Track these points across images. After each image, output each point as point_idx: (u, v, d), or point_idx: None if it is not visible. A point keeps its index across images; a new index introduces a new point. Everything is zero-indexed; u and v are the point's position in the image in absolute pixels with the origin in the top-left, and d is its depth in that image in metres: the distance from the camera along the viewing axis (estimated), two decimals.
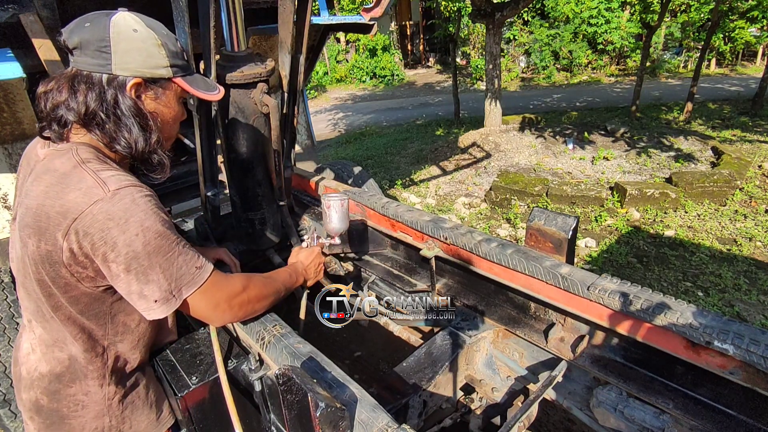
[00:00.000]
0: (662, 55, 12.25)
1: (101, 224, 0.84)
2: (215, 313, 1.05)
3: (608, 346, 1.31)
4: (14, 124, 2.02)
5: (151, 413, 1.16)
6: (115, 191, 0.86)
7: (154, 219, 0.89)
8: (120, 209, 0.85)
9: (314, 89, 14.12)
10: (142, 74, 0.93)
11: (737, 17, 8.25)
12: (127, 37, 0.89)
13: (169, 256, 0.91)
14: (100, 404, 1.07)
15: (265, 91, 1.49)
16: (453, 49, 9.44)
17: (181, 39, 1.41)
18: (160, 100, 0.99)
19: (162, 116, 1.01)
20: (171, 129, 1.06)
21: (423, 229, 1.65)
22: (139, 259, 0.88)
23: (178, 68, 0.98)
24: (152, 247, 0.89)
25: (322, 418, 0.84)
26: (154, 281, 0.91)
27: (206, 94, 1.03)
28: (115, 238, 0.85)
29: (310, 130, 4.11)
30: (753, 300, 3.29)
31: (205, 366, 1.19)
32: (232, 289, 1.07)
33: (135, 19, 0.92)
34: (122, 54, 0.90)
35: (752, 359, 0.95)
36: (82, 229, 0.85)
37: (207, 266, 1.00)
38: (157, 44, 0.93)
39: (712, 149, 6.18)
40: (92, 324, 1.00)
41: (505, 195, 5.17)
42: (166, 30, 0.99)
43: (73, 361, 1.03)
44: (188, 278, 0.95)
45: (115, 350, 1.06)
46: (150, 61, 0.93)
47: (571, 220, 1.39)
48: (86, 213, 0.84)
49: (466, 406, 1.49)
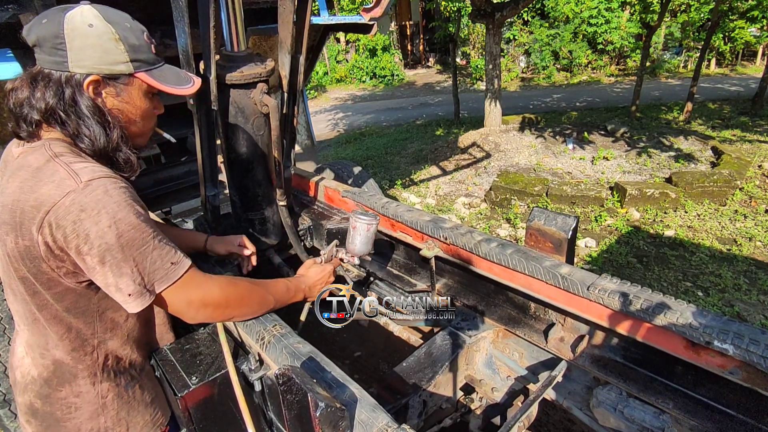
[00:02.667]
0: (662, 55, 12.26)
1: (74, 216, 0.83)
2: (188, 311, 1.02)
3: (608, 346, 1.31)
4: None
5: (146, 413, 1.15)
6: (87, 182, 0.85)
7: (128, 211, 0.87)
8: (92, 200, 0.84)
9: (314, 89, 14.12)
10: (99, 71, 0.90)
11: (737, 17, 8.25)
12: (82, 33, 0.87)
13: (143, 250, 0.89)
14: (94, 404, 1.06)
15: (265, 91, 1.49)
16: (453, 49, 9.44)
17: (181, 39, 1.41)
18: (122, 96, 0.95)
19: (127, 113, 0.98)
20: (141, 125, 1.02)
21: (423, 229, 1.65)
22: (113, 251, 0.86)
23: (141, 62, 0.94)
24: (125, 239, 0.87)
25: (322, 418, 0.84)
26: (127, 274, 0.89)
27: (175, 89, 0.99)
28: (88, 229, 0.84)
29: (310, 130, 4.11)
30: (753, 300, 3.29)
31: (205, 366, 1.19)
32: (208, 290, 1.03)
33: (93, 12, 0.89)
34: (77, 51, 0.87)
35: (752, 359, 0.95)
36: (54, 222, 0.84)
37: (183, 262, 0.97)
38: (114, 39, 0.89)
39: (712, 149, 6.18)
40: (80, 322, 0.99)
41: (505, 195, 5.17)
42: (132, 22, 0.95)
43: (58, 365, 1.02)
44: (162, 273, 0.93)
45: (106, 348, 1.05)
46: (107, 57, 0.89)
47: (571, 220, 1.39)
48: (59, 205, 0.83)
49: (466, 406, 1.49)
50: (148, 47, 0.96)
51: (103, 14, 0.90)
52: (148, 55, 0.96)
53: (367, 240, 1.42)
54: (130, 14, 0.98)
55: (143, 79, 0.95)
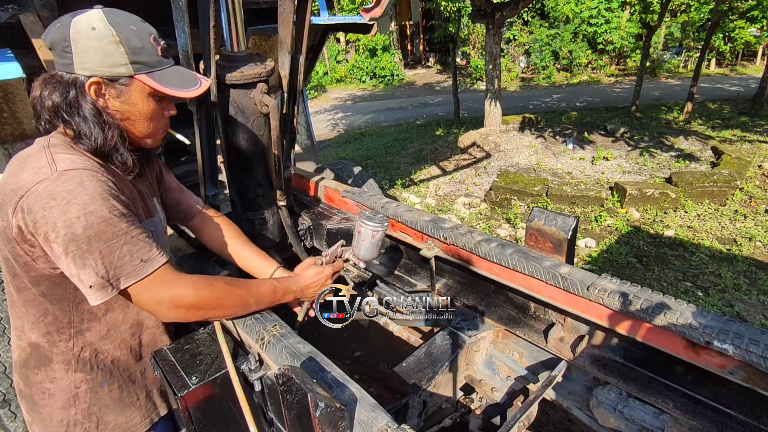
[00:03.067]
0: (662, 55, 12.25)
1: (44, 203, 0.85)
2: (159, 309, 1.00)
3: (608, 346, 1.31)
4: (14, 124, 2.02)
5: (122, 415, 1.13)
6: (62, 171, 0.87)
7: (101, 204, 0.88)
8: (64, 190, 0.86)
9: (314, 89, 14.12)
10: (100, 73, 0.92)
11: (737, 17, 8.26)
12: (85, 36, 0.89)
13: (111, 243, 0.89)
14: (67, 393, 1.06)
15: (265, 91, 1.49)
16: (453, 49, 9.44)
17: (181, 39, 1.41)
18: (123, 98, 0.97)
19: (128, 114, 0.99)
20: (147, 126, 1.03)
21: (423, 229, 1.65)
22: (78, 242, 0.87)
23: (142, 65, 0.95)
24: (93, 231, 0.87)
25: (321, 418, 0.84)
26: (90, 266, 0.89)
27: (178, 91, 0.99)
28: (56, 218, 0.85)
29: (310, 130, 4.10)
30: (753, 300, 3.29)
31: (205, 366, 1.19)
32: (180, 290, 1.01)
33: (99, 16, 0.90)
34: (81, 54, 0.90)
35: (752, 359, 0.95)
36: (26, 207, 0.86)
37: (156, 260, 0.96)
38: (115, 41, 0.90)
39: (712, 149, 6.18)
40: (56, 309, 1.00)
41: (505, 195, 5.17)
42: (139, 24, 0.96)
43: (34, 347, 1.04)
44: (129, 269, 0.93)
45: (83, 339, 1.05)
46: (107, 60, 0.91)
47: (570, 220, 1.39)
48: (32, 191, 0.85)
49: (466, 406, 1.49)
50: (152, 49, 0.97)
51: (108, 17, 0.91)
52: (150, 58, 0.96)
53: (373, 246, 1.33)
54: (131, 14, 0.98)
55: (143, 81, 0.96)
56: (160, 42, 0.99)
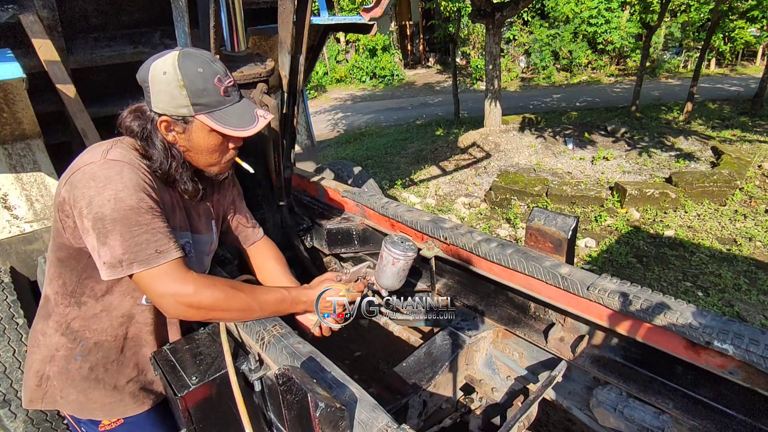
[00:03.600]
0: (662, 55, 12.25)
1: (85, 182, 0.97)
2: (162, 302, 1.06)
3: (608, 346, 1.31)
4: (14, 124, 2.02)
5: (82, 395, 1.19)
6: (108, 160, 0.99)
7: (131, 193, 0.98)
8: (104, 174, 0.97)
9: (314, 89, 14.12)
10: (169, 113, 1.05)
11: (737, 17, 8.25)
12: (158, 80, 1.02)
13: (133, 229, 0.98)
14: (49, 350, 1.16)
15: (265, 91, 1.49)
16: (453, 49, 9.44)
17: (181, 39, 1.41)
18: (187, 134, 1.09)
19: (192, 148, 1.11)
20: (210, 158, 1.15)
21: (423, 229, 1.65)
22: (104, 221, 0.96)
23: (202, 106, 1.05)
24: (119, 215, 0.96)
25: (321, 418, 0.84)
26: (109, 245, 0.97)
27: (234, 130, 1.07)
28: (91, 196, 0.96)
29: (310, 130, 4.10)
30: (753, 300, 3.29)
31: (205, 366, 1.19)
32: (183, 287, 1.05)
33: (171, 61, 1.02)
34: (155, 95, 1.03)
35: (752, 359, 0.95)
36: (73, 182, 0.98)
37: (169, 254, 1.03)
38: (179, 85, 1.01)
39: (712, 149, 6.18)
40: (66, 276, 1.12)
41: (505, 195, 5.17)
42: (207, 66, 1.04)
43: (46, 299, 1.17)
44: (143, 256, 1.00)
45: (78, 311, 1.14)
46: (173, 102, 1.03)
47: (570, 220, 1.39)
48: (81, 170, 0.98)
49: (466, 406, 1.49)
50: (214, 90, 1.05)
51: (180, 61, 1.02)
52: (211, 99, 1.05)
53: (393, 274, 1.26)
54: (130, 14, 1.01)
55: (203, 120, 1.06)
56: (224, 81, 1.07)
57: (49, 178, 2.20)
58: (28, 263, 2.20)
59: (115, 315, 1.18)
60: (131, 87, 2.69)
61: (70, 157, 1.09)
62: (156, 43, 2.35)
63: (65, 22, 2.05)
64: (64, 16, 2.03)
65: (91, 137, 1.98)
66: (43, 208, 2.20)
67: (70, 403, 1.20)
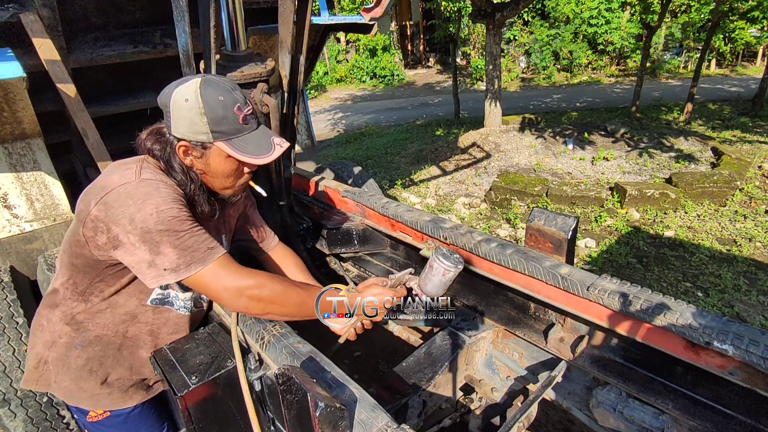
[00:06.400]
0: (662, 56, 12.25)
1: (122, 200, 1.01)
2: (224, 295, 1.10)
3: (608, 346, 1.31)
4: (14, 123, 2.02)
5: (74, 384, 1.23)
6: (143, 179, 1.04)
7: (171, 205, 1.03)
8: (141, 192, 1.02)
9: (314, 89, 14.11)
10: (188, 138, 1.09)
11: (737, 18, 8.24)
12: (179, 106, 1.05)
13: (180, 235, 1.04)
14: (51, 336, 1.21)
15: (265, 90, 1.49)
16: (453, 50, 9.44)
17: (182, 39, 1.41)
18: (204, 159, 1.13)
19: (208, 172, 1.16)
20: (225, 182, 1.19)
21: (423, 229, 1.65)
22: (151, 234, 1.01)
23: (221, 133, 1.08)
24: (164, 226, 1.01)
25: (321, 417, 0.84)
26: (163, 254, 1.03)
27: (251, 158, 1.11)
28: (133, 213, 1.00)
29: (310, 130, 4.11)
30: (753, 300, 3.29)
31: (204, 366, 1.19)
32: (241, 278, 1.11)
33: (194, 88, 1.05)
34: (176, 120, 1.07)
35: (751, 360, 0.95)
36: (108, 202, 1.02)
37: (219, 249, 1.10)
38: (200, 113, 1.05)
39: (712, 150, 6.18)
40: (78, 278, 1.16)
41: (505, 195, 5.17)
42: (227, 94, 1.07)
43: (54, 291, 1.22)
44: (198, 256, 1.06)
45: (84, 306, 1.20)
46: (193, 128, 1.07)
47: (570, 220, 1.39)
48: (115, 190, 1.02)
49: (466, 406, 1.49)
50: (234, 118, 1.08)
51: (202, 89, 1.05)
52: (229, 127, 1.09)
53: (441, 284, 1.28)
54: (131, 14, 1.01)
55: (221, 147, 1.10)
56: (243, 110, 1.10)
57: (49, 177, 2.20)
58: (27, 262, 2.20)
59: (119, 312, 1.22)
60: (131, 86, 2.69)
61: (70, 157, 1.09)
62: (156, 43, 2.35)
63: (65, 21, 2.05)
64: (65, 15, 2.03)
65: (91, 137, 1.98)
66: (42, 207, 2.19)
67: (62, 389, 1.24)
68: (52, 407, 1.86)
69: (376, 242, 2.00)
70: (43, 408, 1.83)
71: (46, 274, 1.94)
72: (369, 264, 1.99)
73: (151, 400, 1.36)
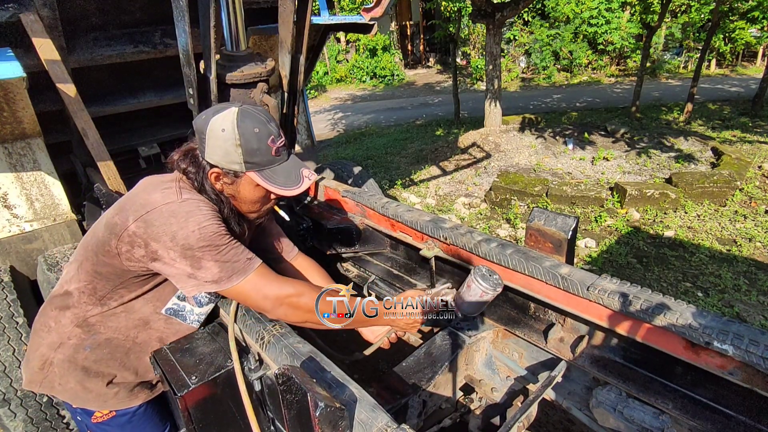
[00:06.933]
0: (662, 56, 12.25)
1: (164, 219, 1.06)
2: (265, 304, 1.14)
3: (608, 346, 1.31)
4: (14, 123, 2.02)
5: (79, 385, 1.24)
6: (185, 199, 1.10)
7: (211, 222, 1.09)
8: (184, 210, 1.07)
9: (314, 89, 14.11)
10: (221, 165, 1.13)
11: (737, 18, 8.24)
12: (215, 135, 1.09)
13: (221, 249, 1.09)
14: (59, 337, 1.21)
15: (265, 90, 1.49)
16: (453, 50, 9.44)
17: (182, 38, 1.41)
18: (235, 186, 1.17)
19: (238, 198, 1.20)
20: (252, 207, 1.23)
21: (423, 229, 1.65)
22: (193, 250, 1.06)
23: (253, 164, 1.12)
24: (206, 242, 1.06)
25: (321, 417, 0.84)
26: (204, 268, 1.08)
27: (280, 189, 1.16)
28: (175, 231, 1.05)
29: (310, 130, 4.11)
30: (753, 300, 3.29)
31: (204, 366, 1.19)
32: (281, 287, 1.15)
33: (231, 118, 1.08)
34: (210, 148, 1.11)
35: (751, 360, 0.95)
36: (149, 220, 1.06)
37: (257, 260, 1.15)
38: (235, 144, 1.09)
39: (712, 150, 6.18)
40: (99, 284, 1.19)
41: (505, 195, 5.17)
42: (262, 126, 1.11)
43: (66, 293, 1.22)
44: (239, 267, 1.11)
45: (100, 309, 1.21)
46: (227, 157, 1.11)
47: (570, 220, 1.39)
48: (158, 209, 1.07)
49: (466, 406, 1.49)
50: (266, 150, 1.12)
51: (239, 120, 1.08)
52: (262, 158, 1.13)
53: (478, 305, 1.29)
54: (131, 14, 1.00)
55: (252, 177, 1.15)
56: (276, 142, 1.14)
57: (49, 177, 2.20)
58: (28, 262, 2.20)
59: (133, 317, 1.24)
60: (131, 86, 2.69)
61: (70, 157, 1.09)
62: (156, 43, 2.35)
63: (65, 21, 2.05)
64: (65, 15, 2.03)
65: (91, 137, 1.98)
66: (42, 207, 2.20)
67: (66, 391, 1.24)
68: (52, 407, 1.86)
69: (376, 242, 2.00)
70: (43, 408, 1.83)
71: (46, 274, 1.94)
72: (369, 264, 1.99)
73: (155, 399, 1.37)
